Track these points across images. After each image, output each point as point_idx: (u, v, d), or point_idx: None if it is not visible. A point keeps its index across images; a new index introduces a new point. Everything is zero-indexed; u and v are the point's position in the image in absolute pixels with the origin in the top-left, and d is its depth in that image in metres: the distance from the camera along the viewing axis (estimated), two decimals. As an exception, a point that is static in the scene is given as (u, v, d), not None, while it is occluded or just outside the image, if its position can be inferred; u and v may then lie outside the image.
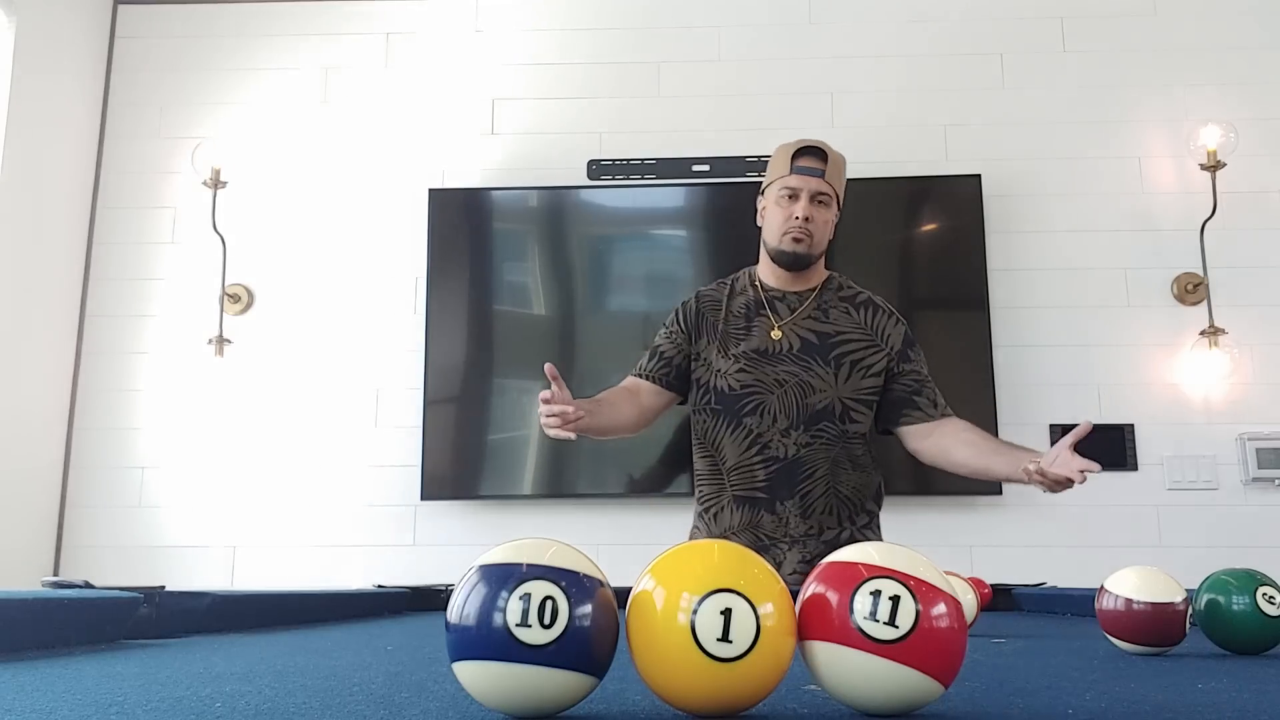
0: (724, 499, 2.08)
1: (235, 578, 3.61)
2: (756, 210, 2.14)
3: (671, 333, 2.14)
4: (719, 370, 2.08)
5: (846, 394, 2.05)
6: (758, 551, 1.11)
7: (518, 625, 0.60)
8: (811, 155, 2.05)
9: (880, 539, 2.12)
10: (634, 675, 0.66)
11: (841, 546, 2.00)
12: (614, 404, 2.04)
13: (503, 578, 0.62)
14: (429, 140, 3.90)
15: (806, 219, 2.00)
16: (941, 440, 2.05)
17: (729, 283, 2.17)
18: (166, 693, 0.75)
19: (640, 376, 2.14)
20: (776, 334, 2.06)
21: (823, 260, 2.12)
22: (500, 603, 0.61)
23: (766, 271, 2.13)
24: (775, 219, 2.05)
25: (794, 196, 2.02)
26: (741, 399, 2.06)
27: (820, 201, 2.03)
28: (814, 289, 2.11)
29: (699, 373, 2.11)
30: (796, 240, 2.01)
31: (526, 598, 0.61)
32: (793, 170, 2.03)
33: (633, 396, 2.10)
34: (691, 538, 2.15)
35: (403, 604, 2.18)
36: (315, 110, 3.95)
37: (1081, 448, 1.70)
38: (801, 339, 2.06)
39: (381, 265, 3.81)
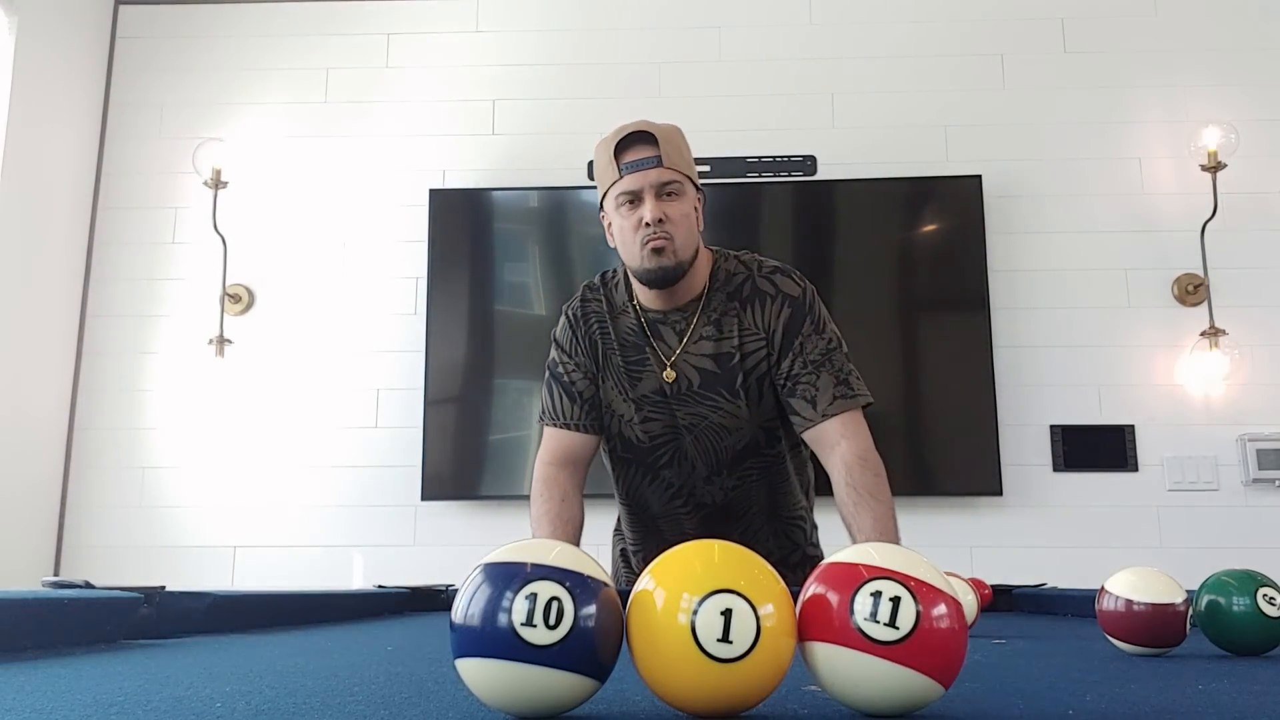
0: (652, 544, 1.85)
1: (235, 578, 3.61)
2: (604, 229, 1.74)
3: (578, 364, 1.78)
4: (623, 417, 1.78)
5: (764, 419, 1.75)
6: None
7: (523, 625, 0.60)
8: (639, 143, 1.64)
9: (818, 540, 1.96)
10: (634, 676, 0.66)
11: (792, 565, 1.89)
12: (569, 519, 1.70)
13: (508, 577, 0.62)
14: (429, 140, 3.90)
15: (660, 220, 1.62)
16: (828, 464, 1.66)
17: (603, 297, 1.79)
18: (166, 693, 0.75)
19: (571, 427, 1.76)
20: (669, 374, 1.72)
21: (702, 257, 1.73)
22: (505, 602, 0.61)
23: (641, 290, 1.74)
24: (625, 234, 1.66)
25: (636, 200, 1.64)
26: (654, 451, 1.78)
27: (670, 193, 1.63)
28: (698, 299, 1.72)
29: (606, 416, 1.80)
30: (658, 250, 1.62)
31: (532, 598, 0.61)
32: (622, 170, 1.63)
33: (572, 479, 1.75)
34: (617, 578, 1.98)
35: (403, 604, 2.18)
36: (315, 110, 3.95)
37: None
38: (699, 371, 1.72)
39: (382, 265, 3.82)
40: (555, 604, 0.61)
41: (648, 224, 1.62)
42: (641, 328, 1.75)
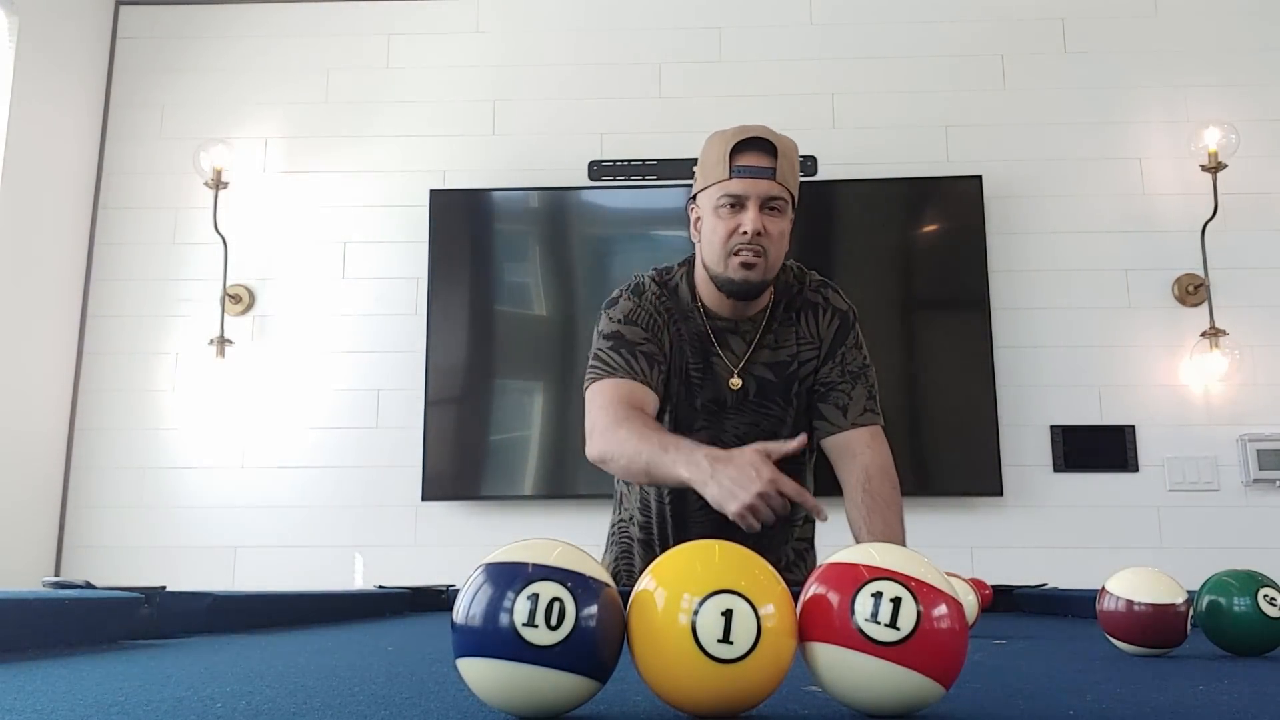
0: (666, 544, 1.79)
1: (235, 578, 3.61)
2: (689, 221, 1.70)
3: (653, 337, 1.68)
4: (682, 420, 1.72)
5: (805, 426, 1.73)
6: None
7: (524, 625, 0.60)
8: (757, 149, 1.58)
9: (812, 534, 1.94)
10: (634, 676, 0.66)
11: (784, 566, 1.88)
12: (657, 427, 1.60)
13: (509, 577, 0.62)
14: (429, 140, 3.90)
15: (758, 233, 1.57)
16: (846, 471, 1.66)
17: (666, 292, 1.72)
18: (167, 693, 0.75)
19: (638, 379, 1.63)
20: (736, 383, 1.68)
21: None
22: (507, 602, 0.61)
23: (710, 295, 1.69)
24: (716, 235, 1.60)
25: (738, 205, 1.58)
26: None
27: (773, 209, 1.59)
28: (764, 310, 1.71)
29: (668, 418, 1.73)
30: (748, 265, 1.58)
31: (534, 598, 0.61)
32: (733, 172, 1.57)
33: (642, 411, 1.62)
34: (617, 568, 1.96)
35: (403, 605, 2.18)
36: (315, 110, 3.95)
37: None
38: (758, 380, 1.70)
39: (382, 266, 3.82)
40: (557, 604, 0.61)
41: (744, 233, 1.57)
42: (707, 334, 1.71)
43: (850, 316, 1.75)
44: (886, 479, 1.63)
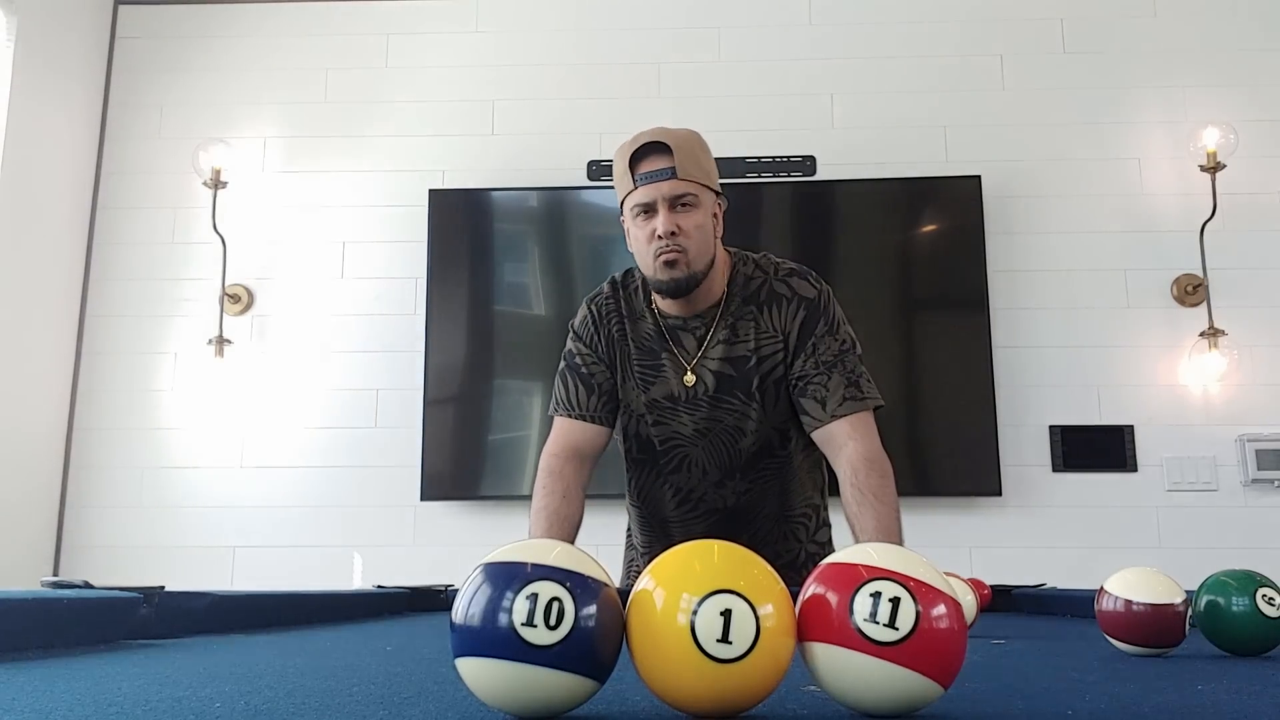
0: (659, 549, 1.65)
1: (235, 578, 3.61)
2: (623, 233, 1.75)
3: (598, 357, 1.79)
4: (638, 415, 1.78)
5: (778, 421, 1.75)
6: None
7: (523, 625, 0.60)
8: (654, 153, 1.64)
9: (830, 538, 1.94)
10: (633, 676, 0.66)
11: (799, 565, 1.89)
12: (567, 517, 1.66)
13: (509, 577, 0.62)
14: (429, 140, 3.90)
15: (672, 233, 1.62)
16: (836, 465, 1.67)
17: (620, 298, 1.81)
18: (166, 693, 0.75)
19: (585, 418, 1.76)
20: (690, 378, 1.73)
21: (720, 261, 1.74)
22: (506, 602, 0.61)
23: (659, 297, 1.75)
24: (639, 244, 1.68)
25: (649, 211, 1.65)
26: (662, 455, 1.79)
27: (684, 205, 1.64)
28: (717, 305, 1.73)
29: (624, 415, 1.81)
30: (670, 264, 1.64)
31: (533, 598, 0.61)
32: (636, 181, 1.64)
33: (578, 474, 1.72)
34: (630, 574, 2.01)
35: (402, 604, 2.18)
36: (315, 110, 3.95)
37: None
38: (716, 375, 1.73)
39: (381, 265, 3.82)
40: (556, 604, 0.61)
41: (660, 237, 1.63)
42: (660, 333, 1.76)
43: (820, 302, 1.73)
44: (873, 470, 1.61)
